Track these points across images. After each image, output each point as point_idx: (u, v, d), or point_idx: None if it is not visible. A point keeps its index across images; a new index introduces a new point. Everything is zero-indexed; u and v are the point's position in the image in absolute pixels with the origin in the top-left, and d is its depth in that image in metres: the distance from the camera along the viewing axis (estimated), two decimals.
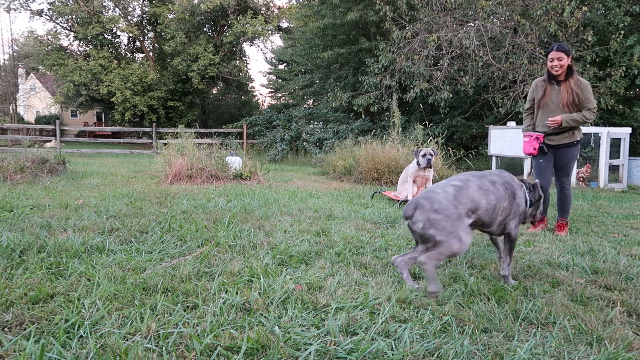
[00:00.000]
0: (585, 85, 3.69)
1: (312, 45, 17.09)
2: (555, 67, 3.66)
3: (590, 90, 3.68)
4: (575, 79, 3.70)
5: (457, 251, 2.25)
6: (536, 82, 3.94)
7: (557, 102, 3.74)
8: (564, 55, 3.62)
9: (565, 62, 3.64)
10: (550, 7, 10.35)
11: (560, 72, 3.68)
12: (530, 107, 4.02)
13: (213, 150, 7.85)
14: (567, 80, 3.70)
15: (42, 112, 37.71)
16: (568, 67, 3.68)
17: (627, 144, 8.76)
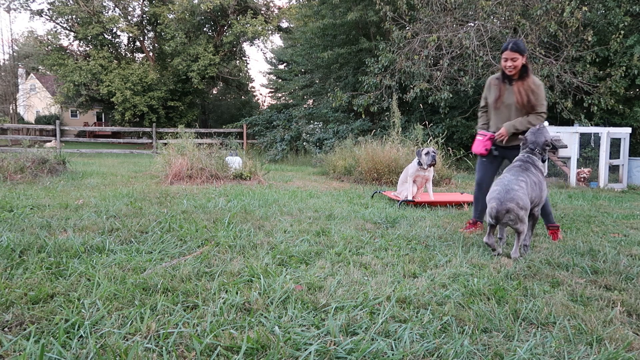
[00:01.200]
0: (539, 86, 3.56)
1: (312, 45, 17.09)
2: (509, 67, 3.52)
3: (543, 93, 3.57)
4: (529, 79, 3.57)
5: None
6: (490, 80, 3.79)
7: (510, 102, 3.62)
8: (518, 55, 3.48)
9: (520, 62, 3.50)
10: (550, 7, 10.36)
11: (514, 72, 3.54)
12: (484, 106, 3.89)
13: (213, 150, 7.85)
14: (520, 80, 3.57)
15: (42, 112, 37.71)
16: (523, 67, 3.54)
17: (627, 144, 8.76)
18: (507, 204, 2.90)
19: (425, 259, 2.87)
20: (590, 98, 10.76)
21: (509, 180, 3.04)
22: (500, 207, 2.90)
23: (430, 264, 2.77)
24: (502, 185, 3.02)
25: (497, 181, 3.11)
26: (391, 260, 2.82)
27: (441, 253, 3.01)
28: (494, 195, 2.99)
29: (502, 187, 3.01)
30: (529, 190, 3.06)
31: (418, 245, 3.21)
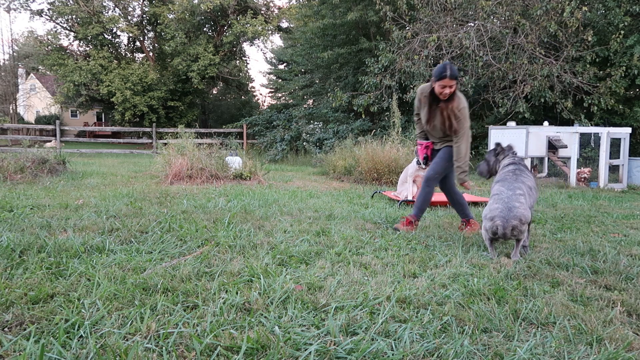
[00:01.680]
0: (461, 109, 3.55)
1: (312, 45, 17.09)
2: (445, 94, 3.51)
3: (466, 113, 3.57)
4: (454, 103, 3.56)
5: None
6: (420, 95, 3.74)
7: (437, 123, 3.67)
8: (455, 82, 3.48)
9: (455, 86, 3.51)
10: (550, 7, 10.36)
11: (447, 97, 3.55)
12: (418, 114, 3.91)
13: (213, 150, 7.85)
14: (445, 103, 3.56)
15: (42, 112, 37.71)
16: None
17: (627, 144, 8.76)
18: (512, 221, 2.89)
19: (425, 259, 2.87)
20: (590, 98, 10.76)
21: (508, 198, 3.01)
22: (506, 225, 2.90)
23: (430, 264, 2.77)
24: (503, 204, 2.98)
25: (497, 198, 3.06)
26: (391, 260, 2.82)
27: (441, 253, 3.01)
28: (497, 214, 2.95)
29: (503, 205, 2.97)
30: (528, 201, 3.07)
31: (418, 245, 3.21)
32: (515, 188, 3.07)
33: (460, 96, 3.61)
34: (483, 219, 3.07)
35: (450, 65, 3.48)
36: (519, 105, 10.91)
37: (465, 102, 3.62)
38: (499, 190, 3.11)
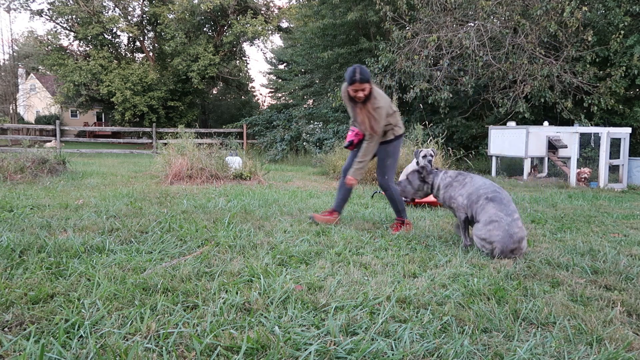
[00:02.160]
0: (377, 109, 3.54)
1: (312, 45, 17.09)
2: (359, 97, 3.53)
3: (382, 114, 3.55)
4: (371, 102, 3.55)
5: None
6: (343, 95, 3.73)
7: (359, 121, 3.67)
8: (367, 85, 3.48)
9: (368, 88, 3.51)
10: (550, 7, 10.36)
11: (363, 99, 3.55)
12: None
13: (213, 150, 7.85)
14: (365, 103, 3.56)
15: (42, 112, 37.71)
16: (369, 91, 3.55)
17: (627, 144, 8.76)
18: (511, 246, 2.93)
19: (425, 259, 2.87)
20: (590, 98, 10.76)
21: (509, 225, 2.97)
22: (506, 250, 2.94)
23: (430, 264, 2.77)
24: (504, 231, 2.95)
25: (497, 225, 2.99)
26: (391, 260, 2.82)
27: (441, 253, 3.01)
28: (498, 239, 2.95)
29: (504, 232, 2.95)
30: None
31: (418, 245, 3.21)
32: (512, 212, 3.04)
33: (377, 96, 3.57)
34: (477, 238, 3.05)
35: (360, 69, 3.46)
36: (519, 105, 10.91)
37: (383, 102, 3.57)
38: (498, 217, 3.02)
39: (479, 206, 3.13)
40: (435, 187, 3.46)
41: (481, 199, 3.14)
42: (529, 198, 6.22)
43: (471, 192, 3.24)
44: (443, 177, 3.44)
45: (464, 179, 3.35)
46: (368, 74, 3.49)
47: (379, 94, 3.61)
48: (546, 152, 9.63)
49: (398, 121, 3.83)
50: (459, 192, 3.30)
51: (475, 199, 3.18)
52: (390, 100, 3.75)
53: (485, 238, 2.99)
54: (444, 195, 3.40)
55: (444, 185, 3.41)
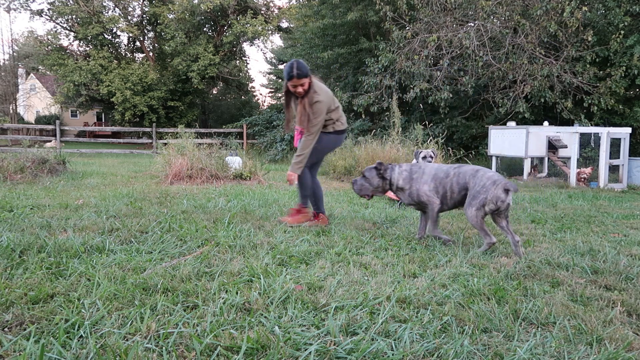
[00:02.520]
0: (313, 104, 3.53)
1: (312, 45, 17.09)
2: (299, 92, 3.56)
3: (319, 109, 3.54)
4: (309, 96, 3.55)
5: None
6: (284, 92, 3.80)
7: (298, 116, 3.69)
8: (305, 80, 3.50)
9: (307, 83, 3.52)
10: (550, 7, 10.36)
11: (304, 94, 3.57)
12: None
13: (213, 150, 7.85)
14: (304, 97, 3.58)
15: (42, 112, 37.70)
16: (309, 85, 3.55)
17: (627, 144, 8.76)
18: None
19: (425, 259, 2.87)
20: (590, 98, 10.76)
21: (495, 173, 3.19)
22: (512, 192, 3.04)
23: (430, 264, 2.77)
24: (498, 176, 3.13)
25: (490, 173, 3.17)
26: (391, 260, 2.82)
27: (441, 253, 3.01)
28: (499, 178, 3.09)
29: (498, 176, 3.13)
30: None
31: (418, 245, 3.21)
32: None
33: (318, 90, 3.57)
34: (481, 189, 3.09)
35: (297, 64, 3.48)
36: (519, 105, 10.91)
37: (321, 97, 3.56)
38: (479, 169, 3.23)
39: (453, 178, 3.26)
40: (394, 183, 3.47)
41: (451, 171, 3.28)
42: (529, 198, 6.22)
43: (434, 174, 3.33)
44: (399, 171, 3.45)
45: (420, 169, 3.41)
46: (306, 68, 3.50)
47: (320, 88, 3.60)
48: (546, 152, 9.63)
49: (340, 117, 3.82)
50: (423, 181, 3.34)
51: (444, 175, 3.28)
52: (332, 95, 3.75)
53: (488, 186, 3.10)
54: (410, 191, 3.39)
55: (405, 181, 3.41)
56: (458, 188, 3.26)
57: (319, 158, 3.90)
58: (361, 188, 3.59)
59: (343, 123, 3.85)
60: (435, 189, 3.32)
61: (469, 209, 3.13)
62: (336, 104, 3.78)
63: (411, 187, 3.38)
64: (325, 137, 3.79)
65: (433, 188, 3.32)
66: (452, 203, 3.34)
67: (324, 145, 3.85)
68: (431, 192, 3.32)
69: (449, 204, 3.35)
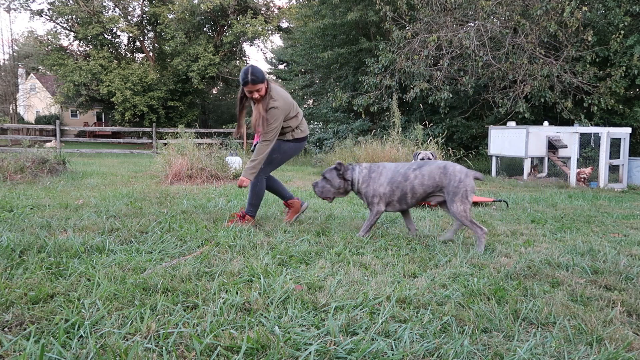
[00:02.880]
0: (269, 110, 3.48)
1: (312, 45, 17.10)
2: (255, 98, 3.52)
3: (274, 116, 3.47)
4: (265, 102, 3.50)
5: None
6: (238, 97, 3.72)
7: (253, 119, 3.62)
8: (261, 85, 3.45)
9: (263, 89, 3.48)
10: (550, 7, 10.36)
11: (260, 99, 3.52)
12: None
13: (213, 150, 7.85)
14: (261, 102, 3.53)
15: (42, 112, 37.70)
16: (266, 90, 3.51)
17: (627, 144, 8.76)
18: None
19: (425, 259, 2.87)
20: (590, 98, 10.76)
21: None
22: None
23: (430, 264, 2.77)
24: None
25: (458, 167, 3.27)
26: (391, 260, 2.82)
27: (441, 253, 3.01)
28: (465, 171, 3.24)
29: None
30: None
31: (418, 245, 3.21)
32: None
33: (275, 96, 3.51)
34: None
35: (252, 70, 3.42)
36: (519, 105, 10.91)
37: (277, 103, 3.50)
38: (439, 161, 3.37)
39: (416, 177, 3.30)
40: (355, 183, 3.46)
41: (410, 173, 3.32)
42: (529, 198, 6.22)
43: (390, 178, 3.33)
44: (360, 170, 3.45)
45: (378, 168, 3.40)
46: (261, 74, 3.46)
47: (278, 94, 3.54)
48: (546, 152, 9.63)
49: (300, 124, 3.75)
50: (379, 182, 3.35)
51: (402, 179, 3.30)
52: (292, 102, 3.65)
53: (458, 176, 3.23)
54: (366, 190, 3.38)
55: (363, 180, 3.41)
56: (423, 189, 3.28)
57: (276, 165, 3.82)
58: (322, 190, 3.55)
59: (303, 131, 3.77)
60: (391, 192, 3.32)
61: (455, 205, 3.15)
62: (296, 111, 3.71)
63: (368, 187, 3.38)
64: (284, 145, 3.73)
65: (388, 192, 3.32)
66: (412, 202, 3.36)
67: (282, 152, 3.77)
68: (384, 195, 3.32)
69: (410, 203, 3.37)
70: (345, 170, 3.48)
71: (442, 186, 3.23)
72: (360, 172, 3.44)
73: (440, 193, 3.29)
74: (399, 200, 3.33)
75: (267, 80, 3.54)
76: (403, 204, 3.37)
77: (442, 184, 3.23)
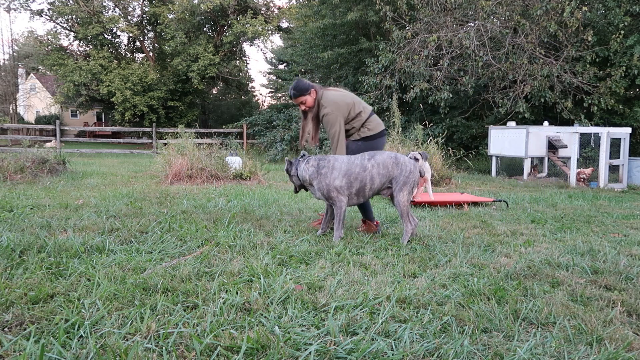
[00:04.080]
0: (324, 115, 3.51)
1: (312, 45, 17.10)
2: (303, 109, 3.60)
3: (329, 122, 3.50)
4: (318, 112, 3.56)
5: None
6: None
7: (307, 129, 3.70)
8: (305, 97, 3.52)
9: (311, 100, 3.53)
10: (550, 7, 10.36)
11: (310, 108, 3.59)
12: None
13: (213, 150, 7.85)
14: (310, 112, 3.61)
15: (42, 112, 37.69)
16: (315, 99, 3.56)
17: (627, 144, 8.76)
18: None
19: (425, 259, 2.87)
20: (590, 98, 10.76)
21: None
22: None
23: (430, 264, 2.77)
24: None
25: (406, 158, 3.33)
26: (391, 260, 2.82)
27: (441, 253, 3.01)
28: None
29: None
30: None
31: (418, 245, 3.21)
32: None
33: (325, 103, 3.53)
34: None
35: (294, 85, 3.53)
36: (519, 105, 10.91)
37: (328, 109, 3.51)
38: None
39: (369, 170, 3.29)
40: (302, 179, 3.46)
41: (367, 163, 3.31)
42: (529, 198, 6.22)
43: (346, 170, 3.30)
44: (305, 167, 3.44)
45: (329, 162, 3.37)
46: (302, 87, 3.52)
47: (328, 101, 3.54)
48: (546, 152, 9.64)
49: (368, 123, 3.67)
50: (332, 176, 3.31)
51: (361, 169, 3.28)
52: (348, 104, 3.59)
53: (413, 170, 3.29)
54: (319, 186, 3.36)
55: (311, 177, 3.40)
56: (380, 178, 3.29)
57: None
58: (293, 183, 3.63)
59: (371, 129, 3.67)
60: (348, 184, 3.30)
61: (401, 194, 3.23)
62: (357, 111, 3.61)
63: (320, 182, 3.35)
64: (352, 145, 3.69)
65: (345, 184, 3.31)
66: (370, 194, 3.36)
67: (352, 153, 3.70)
68: (342, 188, 3.31)
69: (367, 195, 3.37)
70: (290, 165, 3.53)
71: (393, 176, 3.29)
72: (307, 170, 3.42)
73: (390, 184, 3.34)
74: (357, 192, 3.34)
75: (315, 90, 3.56)
76: (360, 197, 3.37)
77: (393, 173, 3.28)
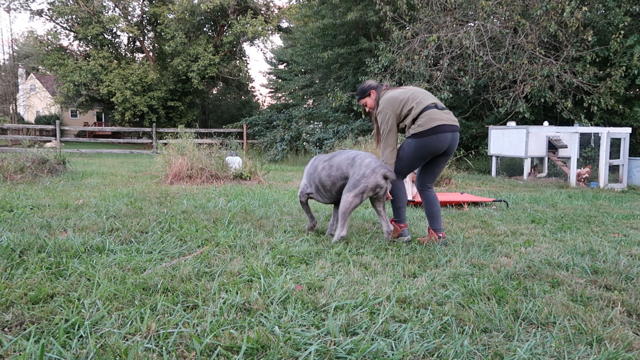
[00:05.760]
0: (378, 113, 3.51)
1: (312, 45, 17.11)
2: (368, 110, 3.66)
3: (381, 120, 3.49)
4: (376, 109, 3.56)
5: None
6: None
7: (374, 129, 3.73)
8: (365, 99, 3.57)
9: (372, 101, 3.57)
10: (550, 7, 10.36)
11: (371, 109, 3.63)
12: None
13: (213, 150, 7.85)
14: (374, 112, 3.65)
15: (42, 112, 37.70)
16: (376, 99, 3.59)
17: (627, 144, 8.76)
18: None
19: (425, 259, 2.87)
20: (590, 98, 10.77)
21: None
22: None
23: (430, 264, 2.77)
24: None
25: (368, 160, 3.25)
26: (391, 260, 2.82)
27: (441, 253, 3.01)
28: (376, 165, 3.20)
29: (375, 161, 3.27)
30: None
31: (418, 245, 3.21)
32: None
33: (380, 102, 3.55)
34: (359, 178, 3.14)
35: (358, 89, 3.65)
36: (519, 105, 10.91)
37: (380, 107, 3.53)
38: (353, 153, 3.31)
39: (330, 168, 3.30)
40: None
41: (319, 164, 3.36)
42: (529, 198, 6.22)
43: (307, 169, 3.45)
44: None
45: (313, 161, 3.48)
46: (362, 90, 3.59)
47: (383, 100, 3.55)
48: (546, 152, 9.64)
49: (419, 119, 3.46)
50: (303, 176, 3.47)
51: (312, 170, 3.38)
52: (400, 101, 3.50)
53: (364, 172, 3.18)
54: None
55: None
56: (331, 180, 3.29)
57: (409, 166, 3.57)
58: None
59: (422, 125, 3.45)
60: (307, 184, 3.43)
61: (347, 194, 3.17)
62: (409, 107, 3.47)
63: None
64: (404, 144, 3.57)
65: (307, 183, 3.44)
66: (330, 195, 3.37)
67: (406, 148, 3.55)
68: (305, 187, 3.43)
69: (327, 196, 3.39)
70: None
71: (349, 176, 3.23)
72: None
73: None
74: (317, 191, 3.41)
75: (376, 91, 3.56)
76: (325, 198, 3.43)
77: (347, 174, 3.23)
